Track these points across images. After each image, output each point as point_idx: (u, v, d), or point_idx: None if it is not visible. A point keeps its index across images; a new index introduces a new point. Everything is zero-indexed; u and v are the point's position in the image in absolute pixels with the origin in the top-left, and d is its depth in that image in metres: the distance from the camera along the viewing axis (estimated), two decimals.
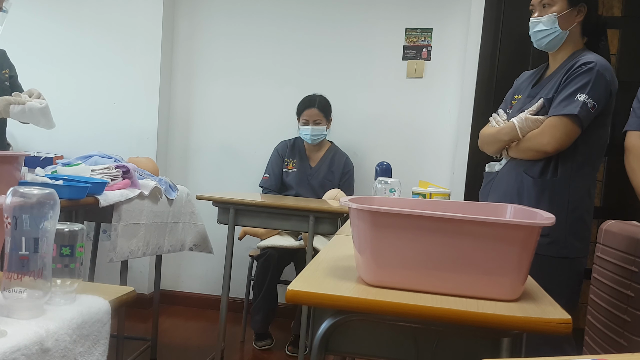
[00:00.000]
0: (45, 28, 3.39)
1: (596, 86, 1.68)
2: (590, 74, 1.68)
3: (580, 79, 1.69)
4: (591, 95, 1.67)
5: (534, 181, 1.77)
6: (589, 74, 1.69)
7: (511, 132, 1.79)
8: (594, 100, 1.67)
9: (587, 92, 1.67)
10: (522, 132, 1.76)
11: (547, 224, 0.95)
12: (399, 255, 0.99)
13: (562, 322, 0.87)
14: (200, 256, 3.30)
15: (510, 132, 1.80)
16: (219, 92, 3.40)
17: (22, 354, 0.69)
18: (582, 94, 1.67)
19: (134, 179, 2.15)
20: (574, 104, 1.68)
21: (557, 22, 1.77)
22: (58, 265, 0.85)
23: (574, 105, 1.67)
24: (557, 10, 1.76)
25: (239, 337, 3.03)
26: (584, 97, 1.67)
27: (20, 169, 1.54)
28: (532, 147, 1.76)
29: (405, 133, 3.19)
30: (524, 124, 1.75)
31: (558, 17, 1.76)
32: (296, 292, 0.95)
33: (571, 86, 1.71)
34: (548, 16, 1.77)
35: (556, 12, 1.76)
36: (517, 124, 1.76)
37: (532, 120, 1.74)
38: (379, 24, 3.19)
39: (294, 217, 2.39)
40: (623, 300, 1.70)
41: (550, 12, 1.77)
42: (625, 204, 2.88)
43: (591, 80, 1.68)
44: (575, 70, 1.72)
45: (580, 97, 1.67)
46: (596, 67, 1.69)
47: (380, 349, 1.01)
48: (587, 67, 1.69)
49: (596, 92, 1.68)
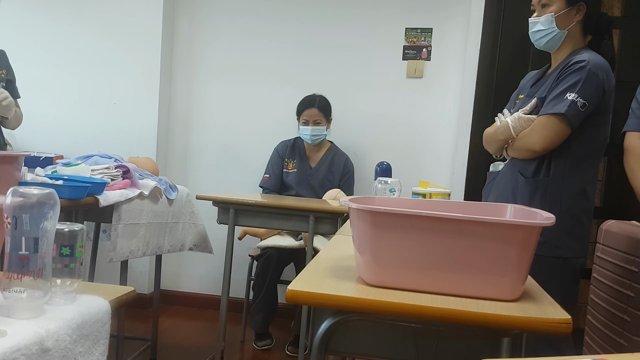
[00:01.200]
0: (46, 28, 3.39)
1: (587, 85, 1.67)
2: (581, 72, 1.68)
3: (570, 78, 1.69)
4: (581, 94, 1.66)
5: (527, 181, 1.78)
6: (580, 72, 1.68)
7: (505, 132, 1.80)
8: (584, 99, 1.66)
9: (577, 90, 1.67)
10: (516, 132, 1.77)
11: (547, 224, 0.95)
12: (399, 255, 0.99)
13: (562, 322, 0.87)
14: (200, 256, 3.30)
15: (505, 132, 1.81)
16: (219, 92, 3.40)
17: (22, 354, 0.69)
18: (572, 93, 1.67)
19: (134, 179, 2.15)
20: (562, 103, 1.67)
21: (555, 21, 1.76)
22: (58, 265, 0.85)
23: (562, 105, 1.67)
24: (554, 10, 1.76)
25: (239, 337, 3.02)
26: (574, 96, 1.66)
27: (20, 169, 1.54)
28: (522, 147, 1.77)
29: (405, 133, 3.19)
30: (517, 123, 1.76)
31: (555, 17, 1.76)
32: (296, 292, 0.95)
33: (561, 85, 1.70)
34: (546, 16, 1.77)
35: (554, 12, 1.76)
36: (511, 123, 1.77)
37: (524, 119, 1.75)
38: (379, 24, 3.19)
39: (294, 217, 2.39)
40: (623, 300, 1.71)
41: (548, 12, 1.77)
42: (625, 204, 2.88)
43: (582, 79, 1.67)
44: (567, 69, 1.72)
45: (570, 96, 1.67)
46: (588, 66, 1.68)
47: (380, 349, 1.01)
48: (579, 66, 1.69)
49: (587, 90, 1.67)
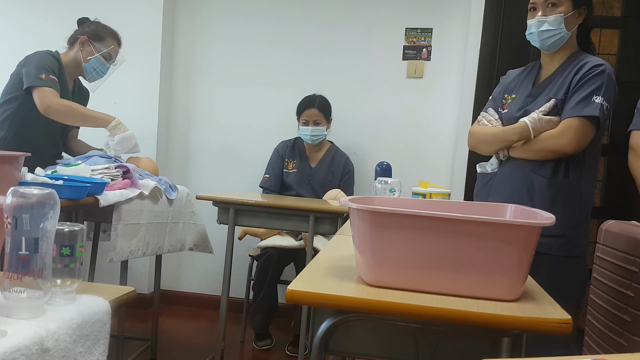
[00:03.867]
0: (45, 28, 3.38)
1: (608, 88, 1.71)
2: (603, 76, 1.71)
3: (594, 81, 1.71)
4: (605, 97, 1.70)
5: (548, 182, 1.76)
6: (601, 76, 1.71)
7: (522, 132, 1.77)
8: (607, 103, 1.70)
9: (602, 94, 1.70)
10: (535, 133, 1.76)
11: (547, 223, 0.95)
12: (399, 255, 0.99)
13: (562, 322, 0.87)
14: (200, 256, 3.30)
15: (521, 132, 1.78)
16: (219, 92, 3.40)
17: (22, 354, 0.69)
18: (598, 96, 1.69)
19: (134, 179, 2.15)
20: (592, 105, 1.69)
21: (564, 23, 1.77)
22: (58, 265, 0.85)
23: (592, 107, 1.69)
24: (564, 11, 1.76)
25: (239, 337, 3.02)
26: (600, 99, 1.69)
27: (20, 169, 1.54)
28: (548, 148, 1.74)
29: (405, 133, 3.19)
30: (537, 124, 1.75)
31: (564, 18, 1.76)
32: (296, 292, 0.95)
33: (585, 88, 1.72)
34: (555, 16, 1.76)
35: (563, 13, 1.76)
36: (530, 124, 1.75)
37: (545, 120, 1.74)
38: (379, 24, 3.19)
39: (294, 217, 2.39)
40: (623, 300, 1.71)
41: (557, 13, 1.76)
42: (625, 204, 2.88)
43: (604, 83, 1.71)
44: (588, 72, 1.73)
45: (597, 99, 1.69)
46: (607, 70, 1.72)
47: (380, 349, 1.01)
48: (599, 70, 1.72)
49: (609, 94, 1.71)
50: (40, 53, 2.36)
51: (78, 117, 2.34)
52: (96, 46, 2.43)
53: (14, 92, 2.32)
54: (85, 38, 2.43)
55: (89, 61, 2.43)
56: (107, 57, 2.47)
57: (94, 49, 2.43)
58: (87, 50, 2.43)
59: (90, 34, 2.44)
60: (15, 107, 2.33)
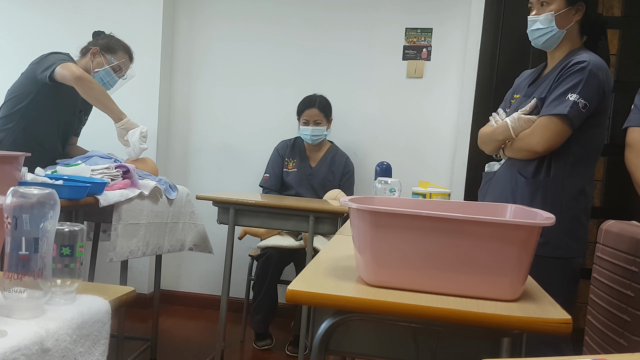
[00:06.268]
0: (45, 28, 3.39)
1: (588, 86, 1.67)
2: (582, 73, 1.67)
3: (572, 79, 1.69)
4: (582, 94, 1.66)
5: (527, 181, 1.77)
6: (581, 73, 1.68)
7: (505, 132, 1.79)
8: (585, 100, 1.66)
9: (579, 91, 1.66)
10: (515, 132, 1.76)
11: (547, 224, 0.95)
12: (399, 255, 0.99)
13: (562, 322, 0.87)
14: (200, 256, 3.30)
15: (504, 132, 1.80)
16: (219, 92, 3.40)
17: (22, 354, 0.69)
18: (573, 94, 1.66)
19: (134, 179, 2.15)
20: (564, 103, 1.67)
21: (555, 20, 1.76)
22: (58, 265, 0.85)
23: (564, 105, 1.67)
24: (554, 9, 1.76)
25: (239, 337, 3.02)
26: (575, 96, 1.66)
27: (20, 169, 1.54)
28: (523, 147, 1.76)
29: (405, 133, 3.19)
30: (516, 123, 1.75)
31: (555, 16, 1.76)
32: (296, 292, 0.95)
33: (562, 86, 1.70)
34: (545, 15, 1.76)
35: (554, 11, 1.76)
36: (510, 123, 1.77)
37: (524, 119, 1.74)
38: (379, 24, 3.19)
39: (294, 217, 2.39)
40: (623, 300, 1.70)
41: (548, 11, 1.76)
42: (625, 204, 2.88)
43: (583, 80, 1.67)
44: (568, 69, 1.71)
45: (571, 97, 1.66)
46: (589, 67, 1.68)
47: (380, 349, 1.01)
48: (580, 67, 1.69)
49: (588, 91, 1.67)
50: (55, 53, 2.40)
51: (104, 95, 2.35)
52: (107, 58, 2.46)
53: (26, 88, 2.35)
54: (97, 49, 2.46)
55: (98, 72, 2.45)
56: (117, 70, 2.50)
57: (104, 61, 2.46)
58: (97, 61, 2.46)
59: (103, 46, 2.47)
60: (26, 103, 2.36)
